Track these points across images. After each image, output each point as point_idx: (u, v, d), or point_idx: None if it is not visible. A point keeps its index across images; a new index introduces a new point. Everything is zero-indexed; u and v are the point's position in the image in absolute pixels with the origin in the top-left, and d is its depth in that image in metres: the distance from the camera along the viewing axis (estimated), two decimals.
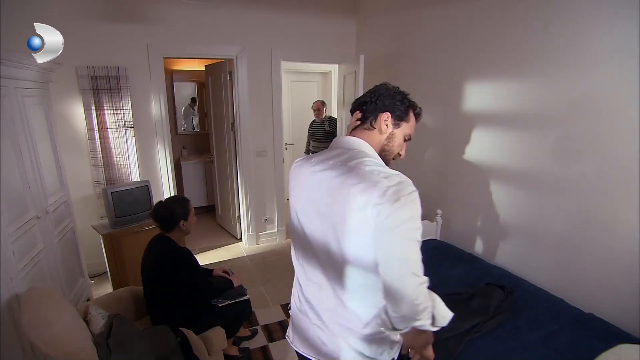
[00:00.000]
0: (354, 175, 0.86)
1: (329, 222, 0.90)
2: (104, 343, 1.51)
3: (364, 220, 0.83)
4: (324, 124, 4.23)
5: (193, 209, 2.01)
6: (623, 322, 1.64)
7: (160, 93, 3.17)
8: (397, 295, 0.83)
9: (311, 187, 0.95)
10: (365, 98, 1.04)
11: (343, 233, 0.87)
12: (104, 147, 2.98)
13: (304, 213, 0.98)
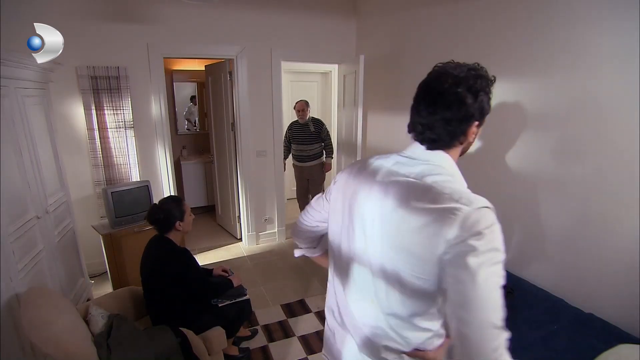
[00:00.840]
0: (430, 195, 0.74)
1: (391, 241, 0.79)
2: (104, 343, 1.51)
3: (434, 247, 0.71)
4: (309, 125, 3.90)
5: (188, 207, 2.00)
6: (623, 322, 1.64)
7: (160, 93, 3.17)
8: (472, 350, 0.67)
9: (373, 199, 0.83)
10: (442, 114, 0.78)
11: (406, 255, 0.76)
12: (104, 147, 2.98)
13: (358, 225, 0.86)
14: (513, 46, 2.08)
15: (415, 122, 0.83)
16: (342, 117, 3.76)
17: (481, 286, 0.67)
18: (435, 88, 0.79)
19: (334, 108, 4.91)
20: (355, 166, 0.94)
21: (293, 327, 2.49)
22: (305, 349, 2.29)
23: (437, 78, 0.79)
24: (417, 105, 0.82)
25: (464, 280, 0.68)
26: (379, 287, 0.84)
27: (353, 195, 0.88)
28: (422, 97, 0.81)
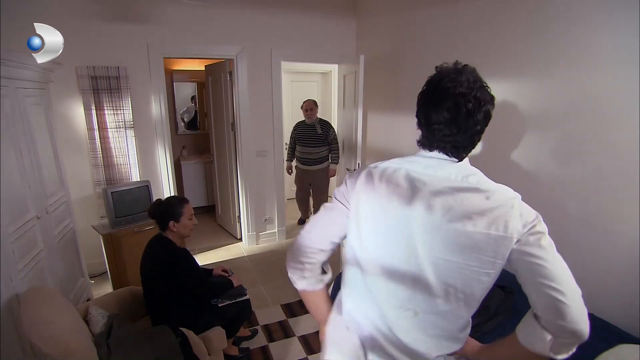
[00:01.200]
0: (483, 194, 0.78)
1: (448, 246, 0.79)
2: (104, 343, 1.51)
3: (507, 240, 0.76)
4: (315, 127, 3.70)
5: (190, 211, 1.96)
6: (623, 322, 1.64)
7: (160, 93, 3.17)
8: (574, 315, 0.72)
9: (420, 206, 0.81)
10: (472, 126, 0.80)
11: (473, 255, 0.77)
12: (104, 147, 2.98)
13: (399, 235, 0.83)
14: (513, 46, 2.08)
15: (436, 131, 0.82)
16: (342, 117, 3.76)
17: (559, 261, 0.79)
18: (476, 97, 0.78)
19: (334, 108, 4.91)
20: (376, 171, 0.88)
21: (293, 327, 2.49)
22: (305, 349, 2.29)
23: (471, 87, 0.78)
24: (437, 114, 0.80)
25: (546, 258, 0.77)
26: (427, 294, 0.83)
27: (388, 202, 0.83)
28: (446, 105, 0.78)
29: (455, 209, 0.78)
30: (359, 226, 0.89)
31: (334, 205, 0.94)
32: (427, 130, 0.85)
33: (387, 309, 0.88)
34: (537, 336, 0.77)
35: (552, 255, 0.78)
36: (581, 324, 0.72)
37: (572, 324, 0.72)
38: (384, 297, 0.88)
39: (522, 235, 0.76)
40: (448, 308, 0.83)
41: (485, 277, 0.79)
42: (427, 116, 0.82)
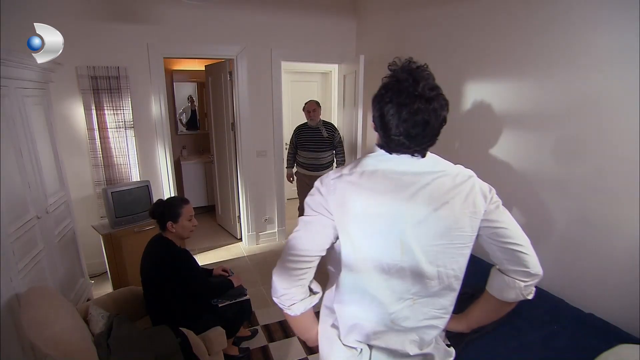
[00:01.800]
0: (455, 180, 0.88)
1: (436, 232, 0.86)
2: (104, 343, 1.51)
3: (478, 214, 0.88)
4: (320, 129, 3.42)
5: (189, 213, 1.94)
6: (623, 322, 1.64)
7: (160, 93, 3.17)
8: (532, 261, 0.89)
9: (403, 201, 0.85)
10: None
11: (456, 235, 0.87)
12: (104, 147, 2.98)
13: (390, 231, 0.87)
14: (513, 46, 2.08)
15: (395, 137, 0.85)
16: (342, 117, 3.76)
17: (513, 221, 0.92)
18: (435, 108, 0.83)
19: (334, 108, 4.91)
20: (352, 176, 0.89)
21: None
22: (305, 349, 2.29)
23: (430, 97, 0.82)
24: (397, 125, 0.83)
25: (505, 221, 0.90)
26: (422, 279, 0.89)
27: (375, 203, 0.86)
28: (417, 118, 0.82)
29: (435, 197, 0.85)
30: (349, 231, 0.88)
31: (315, 219, 0.91)
32: (386, 137, 0.87)
33: (388, 304, 0.91)
34: (510, 287, 0.91)
35: (507, 217, 0.92)
36: (538, 266, 0.90)
37: (532, 268, 0.89)
38: (384, 294, 0.91)
39: (486, 207, 0.88)
40: (441, 287, 0.91)
41: (467, 250, 0.90)
42: (385, 124, 0.85)
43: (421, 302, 0.92)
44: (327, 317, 1.04)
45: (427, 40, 2.75)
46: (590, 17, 1.69)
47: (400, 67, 0.87)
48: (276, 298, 0.93)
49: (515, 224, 0.91)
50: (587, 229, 1.80)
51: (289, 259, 0.90)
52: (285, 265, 0.91)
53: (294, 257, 0.90)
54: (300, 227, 0.92)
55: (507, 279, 0.91)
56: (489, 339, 1.64)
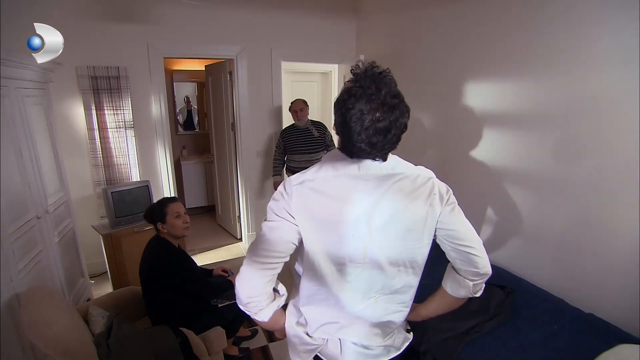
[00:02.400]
0: (415, 181, 0.90)
1: (396, 230, 0.90)
2: (104, 343, 1.51)
3: (434, 214, 0.91)
4: (311, 130, 3.24)
5: (175, 210, 1.92)
6: (623, 322, 1.64)
7: (160, 93, 3.17)
8: (484, 262, 0.93)
9: (363, 202, 0.88)
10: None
11: (414, 233, 0.91)
12: (104, 147, 2.97)
13: (352, 231, 0.89)
14: (513, 46, 2.08)
15: (357, 144, 0.84)
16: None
17: (467, 223, 0.95)
18: (396, 117, 0.82)
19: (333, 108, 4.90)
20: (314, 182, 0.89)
21: None
22: None
23: (392, 105, 0.82)
24: (358, 131, 0.82)
25: (458, 224, 0.93)
26: (383, 279, 0.94)
27: (337, 209, 0.88)
28: (378, 127, 0.81)
29: (396, 200, 0.88)
30: (311, 236, 0.89)
31: (278, 224, 0.90)
32: (348, 143, 0.86)
33: (353, 304, 0.96)
34: (461, 285, 0.97)
35: (460, 219, 0.94)
36: (487, 267, 0.94)
37: (482, 269, 0.93)
38: (348, 295, 0.95)
39: (442, 209, 0.91)
40: (402, 284, 0.97)
41: (425, 249, 0.95)
42: (347, 129, 0.84)
43: (383, 299, 0.98)
44: (293, 316, 1.07)
45: (427, 40, 2.75)
46: (590, 17, 1.69)
47: (363, 71, 0.86)
48: (242, 306, 0.91)
49: (468, 225, 0.95)
50: (587, 229, 1.80)
51: (253, 265, 0.89)
52: (248, 273, 0.89)
53: (257, 264, 0.89)
54: (265, 232, 0.91)
55: (459, 278, 0.97)
56: (489, 339, 1.65)
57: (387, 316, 1.01)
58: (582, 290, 1.84)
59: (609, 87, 1.65)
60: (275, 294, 0.97)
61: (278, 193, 0.92)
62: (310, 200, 0.88)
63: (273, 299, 0.94)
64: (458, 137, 2.50)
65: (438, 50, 2.65)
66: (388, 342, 1.05)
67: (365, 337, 1.01)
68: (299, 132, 3.25)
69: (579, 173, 1.81)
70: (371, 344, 1.02)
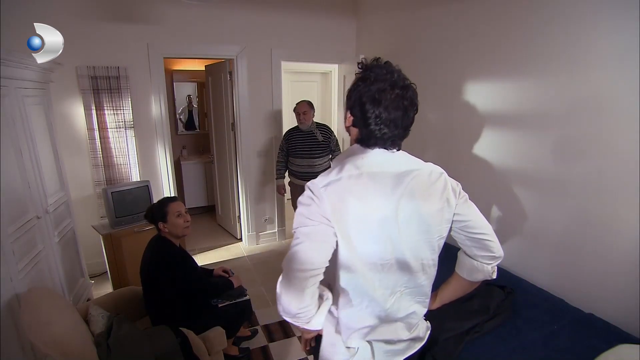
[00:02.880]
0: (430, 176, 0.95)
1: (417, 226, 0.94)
2: (104, 343, 1.51)
3: (450, 207, 0.96)
4: (314, 133, 3.08)
5: (176, 209, 1.93)
6: (623, 322, 1.64)
7: (160, 93, 3.17)
8: (497, 245, 1.00)
9: (388, 200, 0.89)
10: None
11: (433, 227, 0.95)
12: (104, 147, 2.98)
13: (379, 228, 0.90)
14: (513, 46, 2.08)
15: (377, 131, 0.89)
16: (342, 117, 3.75)
17: (477, 211, 1.02)
18: (410, 96, 0.89)
19: (334, 108, 4.91)
20: (342, 182, 0.89)
21: (293, 327, 2.49)
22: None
23: (406, 85, 0.89)
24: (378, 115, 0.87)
25: (472, 214, 1.00)
26: (408, 273, 0.98)
27: (367, 206, 0.88)
28: (397, 104, 0.87)
29: (416, 194, 0.91)
30: (346, 235, 0.89)
31: (315, 229, 0.87)
32: (366, 131, 0.90)
33: (384, 301, 0.98)
34: (479, 270, 1.03)
35: (473, 210, 1.01)
36: (501, 250, 1.02)
37: (497, 252, 1.01)
38: (379, 292, 0.96)
39: (457, 201, 0.97)
40: (424, 277, 1.01)
41: (442, 241, 1.00)
42: (364, 113, 0.88)
43: (407, 293, 1.01)
44: (329, 323, 1.04)
45: (427, 40, 2.75)
46: (590, 17, 1.69)
47: (371, 63, 0.93)
48: (290, 318, 0.88)
49: (480, 215, 1.02)
50: (587, 229, 1.80)
51: (297, 276, 0.85)
52: (294, 283, 0.85)
53: (302, 272, 0.85)
54: (302, 240, 0.87)
55: (476, 263, 1.03)
56: (489, 339, 1.65)
57: (412, 307, 1.03)
58: (582, 290, 1.84)
59: (608, 87, 1.65)
60: (319, 299, 0.93)
61: (306, 198, 0.90)
62: (339, 202, 0.87)
63: (319, 304, 0.92)
64: (458, 137, 2.50)
65: (438, 50, 2.65)
66: (414, 334, 1.07)
67: (394, 332, 1.03)
68: (302, 135, 3.12)
69: (579, 173, 1.81)
70: (401, 337, 1.04)
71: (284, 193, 3.40)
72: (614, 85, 1.63)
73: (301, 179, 3.17)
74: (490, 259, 1.01)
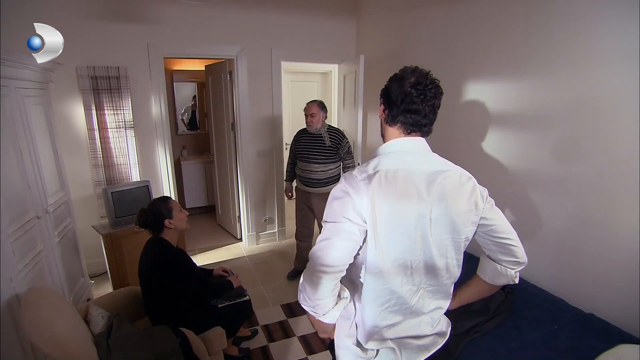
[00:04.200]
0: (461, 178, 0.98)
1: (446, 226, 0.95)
2: (104, 343, 1.51)
3: (477, 210, 0.97)
4: (323, 136, 2.79)
5: (177, 205, 1.96)
6: (623, 322, 1.64)
7: (160, 93, 3.17)
8: (521, 251, 1.02)
9: (422, 200, 0.92)
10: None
11: (460, 228, 0.97)
12: (104, 147, 2.98)
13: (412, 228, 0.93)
14: (513, 46, 2.08)
15: (417, 121, 0.98)
16: (342, 117, 3.76)
17: (503, 216, 1.03)
18: (435, 97, 0.98)
19: (334, 108, 4.91)
20: (377, 175, 0.90)
21: (293, 327, 2.49)
22: (305, 349, 2.29)
23: (434, 80, 0.98)
24: (419, 110, 0.96)
25: (498, 219, 1.01)
26: (433, 270, 0.99)
27: (401, 204, 0.91)
28: (432, 96, 0.96)
29: (446, 194, 0.93)
30: (377, 234, 0.90)
31: (345, 226, 0.88)
32: (405, 111, 0.96)
33: (409, 298, 0.99)
34: (502, 274, 1.04)
35: (499, 215, 1.02)
36: (525, 256, 1.03)
37: (521, 258, 1.02)
38: (406, 289, 0.98)
39: (484, 205, 0.98)
40: (448, 276, 1.02)
41: (467, 243, 1.01)
42: (406, 96, 0.95)
43: (430, 290, 1.02)
44: (341, 327, 1.07)
45: (427, 40, 2.75)
46: (591, 17, 1.69)
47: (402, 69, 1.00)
48: (307, 306, 0.95)
49: (506, 220, 1.03)
50: (587, 229, 1.80)
51: (322, 270, 0.89)
52: (318, 276, 0.90)
53: (326, 267, 0.89)
54: (330, 236, 0.90)
55: (500, 267, 1.04)
56: (489, 339, 1.64)
57: (434, 305, 1.05)
58: (582, 290, 1.84)
59: (609, 87, 1.65)
60: (338, 297, 0.98)
61: (341, 191, 0.91)
62: (375, 198, 0.88)
63: (337, 301, 0.98)
64: (457, 137, 2.50)
65: (438, 50, 2.65)
66: (437, 330, 1.08)
67: (419, 327, 1.04)
68: (309, 137, 2.84)
69: (579, 173, 1.81)
70: (425, 332, 1.05)
71: (290, 197, 3.17)
72: (614, 85, 1.63)
73: (304, 184, 2.93)
74: (515, 264, 1.02)
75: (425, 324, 1.05)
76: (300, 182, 2.98)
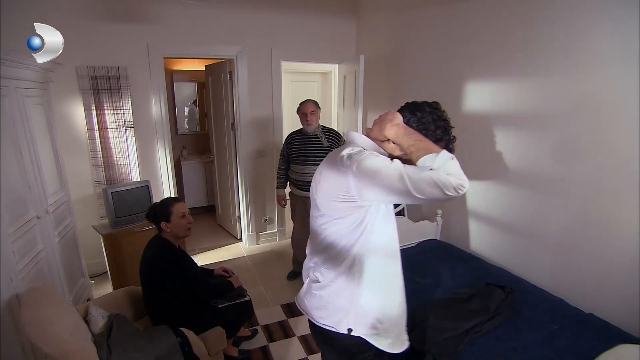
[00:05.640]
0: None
1: None
2: (104, 343, 1.51)
3: None
4: (319, 137, 2.73)
5: (180, 210, 1.94)
6: (623, 322, 1.64)
7: (160, 93, 3.17)
8: None
9: None
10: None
11: None
12: (104, 147, 2.98)
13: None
14: (513, 46, 2.08)
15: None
16: (342, 117, 3.76)
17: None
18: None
19: (334, 108, 4.91)
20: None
21: (293, 327, 2.49)
22: (305, 349, 2.29)
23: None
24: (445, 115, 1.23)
25: None
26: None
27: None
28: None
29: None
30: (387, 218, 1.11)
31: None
32: (448, 135, 1.21)
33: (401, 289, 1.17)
34: None
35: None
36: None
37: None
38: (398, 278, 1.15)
39: None
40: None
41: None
42: (445, 123, 1.20)
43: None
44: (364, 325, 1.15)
45: (427, 40, 2.75)
46: (591, 17, 1.69)
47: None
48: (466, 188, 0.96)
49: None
50: (587, 229, 1.80)
51: (428, 172, 0.94)
52: (448, 169, 0.94)
53: (425, 169, 0.96)
54: (400, 166, 0.98)
55: None
56: (489, 339, 1.64)
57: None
58: (582, 290, 1.84)
59: (609, 87, 1.65)
60: None
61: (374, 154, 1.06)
62: None
63: None
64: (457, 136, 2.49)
65: (438, 50, 2.65)
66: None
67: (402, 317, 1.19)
68: (306, 138, 2.77)
69: (579, 173, 1.81)
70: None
71: (284, 205, 3.07)
72: (614, 86, 1.63)
73: (302, 189, 2.80)
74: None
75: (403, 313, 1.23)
76: (296, 187, 2.85)
